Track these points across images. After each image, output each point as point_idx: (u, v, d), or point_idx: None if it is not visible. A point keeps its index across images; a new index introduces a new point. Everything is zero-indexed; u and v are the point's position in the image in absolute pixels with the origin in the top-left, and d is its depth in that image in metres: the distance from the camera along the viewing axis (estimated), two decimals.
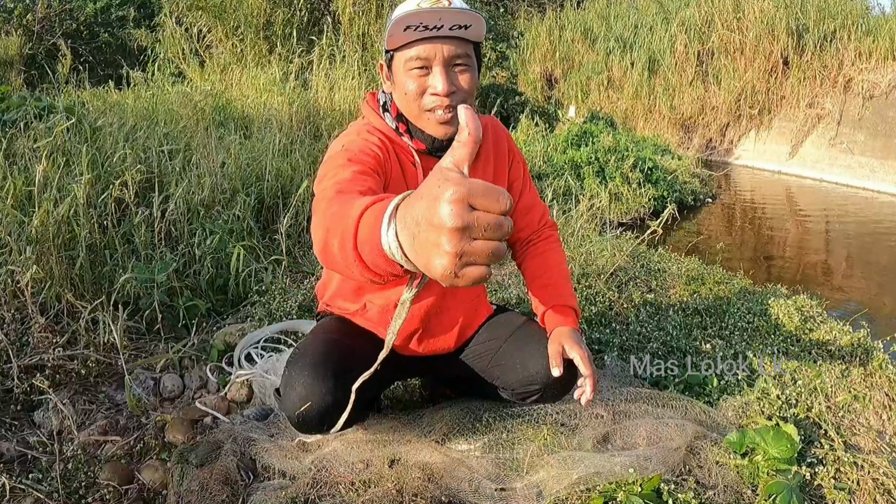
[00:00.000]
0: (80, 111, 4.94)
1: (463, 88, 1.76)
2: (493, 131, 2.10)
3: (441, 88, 1.72)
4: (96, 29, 13.20)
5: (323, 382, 1.80)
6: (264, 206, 4.52)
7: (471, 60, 1.77)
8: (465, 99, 1.78)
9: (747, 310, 3.48)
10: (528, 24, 15.55)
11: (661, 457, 2.09)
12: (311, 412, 1.80)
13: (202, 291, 3.39)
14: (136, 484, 2.15)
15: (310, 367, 1.83)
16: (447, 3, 1.68)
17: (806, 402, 2.57)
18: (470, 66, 1.77)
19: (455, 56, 1.73)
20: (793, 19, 11.61)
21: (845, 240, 7.74)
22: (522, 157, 2.20)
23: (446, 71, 1.73)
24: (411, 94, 1.76)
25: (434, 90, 1.74)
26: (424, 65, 1.73)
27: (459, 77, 1.76)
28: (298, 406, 1.80)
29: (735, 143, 12.39)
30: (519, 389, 2.13)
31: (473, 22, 1.68)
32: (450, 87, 1.73)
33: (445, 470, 2.05)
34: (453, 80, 1.75)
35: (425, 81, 1.75)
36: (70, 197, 3.28)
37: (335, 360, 1.85)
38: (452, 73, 1.75)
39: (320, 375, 1.81)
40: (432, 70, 1.74)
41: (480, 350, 2.18)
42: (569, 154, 7.84)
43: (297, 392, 1.81)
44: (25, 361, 2.63)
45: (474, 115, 0.93)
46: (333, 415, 1.87)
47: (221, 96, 7.22)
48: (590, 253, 4.23)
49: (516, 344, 2.11)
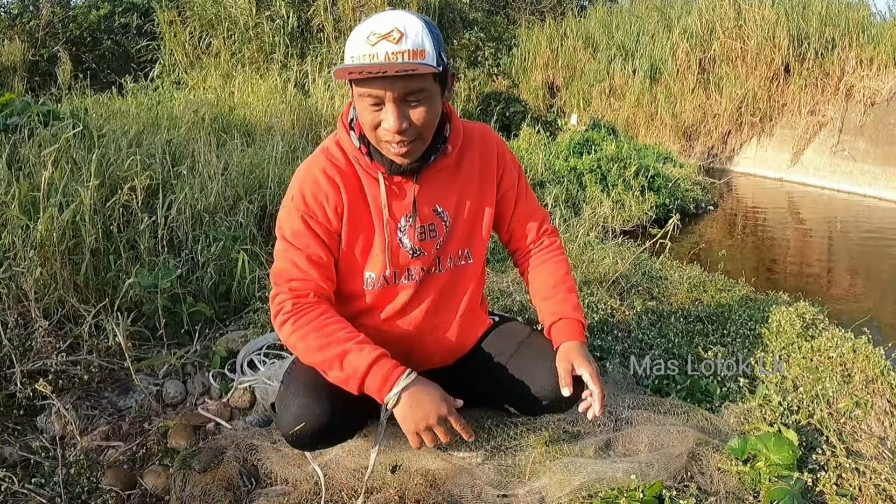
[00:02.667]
0: (84, 118, 4.95)
1: (416, 124, 1.71)
2: (482, 140, 2.05)
3: (392, 125, 1.68)
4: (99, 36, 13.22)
5: (318, 404, 1.82)
6: (266, 212, 4.53)
7: (426, 92, 1.70)
8: (421, 132, 1.75)
9: (749, 317, 3.48)
10: (529, 33, 15.56)
11: (663, 463, 2.09)
12: (306, 432, 1.83)
13: (205, 298, 3.40)
14: (139, 489, 2.16)
15: (304, 388, 1.86)
16: (398, 36, 1.61)
17: (808, 409, 2.56)
18: (426, 99, 1.71)
19: (408, 93, 1.67)
20: (794, 27, 11.61)
21: (847, 247, 7.74)
22: (517, 164, 2.16)
23: (398, 108, 1.68)
24: (367, 125, 1.74)
25: (387, 125, 1.69)
26: (376, 101, 1.68)
27: (413, 112, 1.70)
28: (293, 426, 1.82)
29: (736, 151, 12.38)
30: (526, 405, 2.14)
31: (421, 61, 1.63)
32: (401, 124, 1.68)
33: (447, 476, 2.06)
34: (407, 116, 1.69)
35: (378, 115, 1.70)
36: (76, 202, 3.29)
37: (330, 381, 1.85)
38: (405, 109, 1.69)
39: (315, 396, 1.83)
40: (384, 106, 1.69)
41: (485, 365, 2.16)
42: (571, 162, 7.84)
43: (292, 412, 1.83)
44: (28, 366, 2.63)
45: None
46: (328, 435, 1.90)
47: (223, 103, 7.24)
48: (592, 260, 4.23)
49: (523, 360, 2.10)
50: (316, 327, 1.78)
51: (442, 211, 1.96)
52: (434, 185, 1.94)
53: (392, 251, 1.92)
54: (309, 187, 1.86)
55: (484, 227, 2.07)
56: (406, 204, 1.91)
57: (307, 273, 1.84)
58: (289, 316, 1.80)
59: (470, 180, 2.01)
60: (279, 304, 1.83)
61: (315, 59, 9.07)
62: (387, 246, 1.90)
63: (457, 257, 2.03)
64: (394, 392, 1.70)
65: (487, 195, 2.05)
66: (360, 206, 1.88)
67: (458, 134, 1.95)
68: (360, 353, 1.74)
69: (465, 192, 2.00)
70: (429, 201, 1.94)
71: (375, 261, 1.93)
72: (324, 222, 1.86)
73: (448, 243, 2.00)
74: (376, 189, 1.88)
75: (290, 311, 1.80)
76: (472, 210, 2.02)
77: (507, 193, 2.12)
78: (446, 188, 1.96)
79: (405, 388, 1.71)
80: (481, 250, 2.10)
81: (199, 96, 7.83)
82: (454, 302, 2.08)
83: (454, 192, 1.98)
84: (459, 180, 1.99)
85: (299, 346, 1.80)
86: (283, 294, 1.83)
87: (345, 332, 1.79)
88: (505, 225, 2.18)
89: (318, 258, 1.85)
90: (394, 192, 1.90)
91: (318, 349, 1.76)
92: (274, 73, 8.65)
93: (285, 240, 1.87)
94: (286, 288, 1.83)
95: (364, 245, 1.92)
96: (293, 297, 1.82)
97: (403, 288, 1.98)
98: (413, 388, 1.72)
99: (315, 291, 1.84)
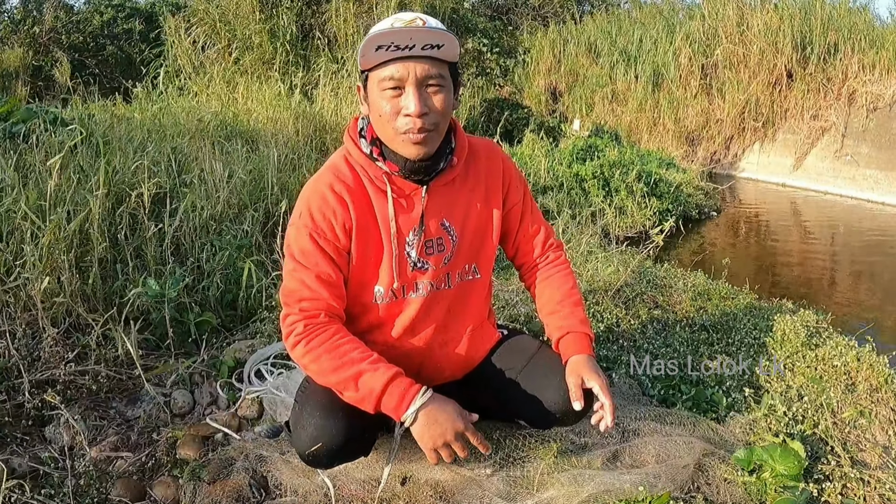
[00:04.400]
0: (89, 124, 4.95)
1: (436, 109, 1.76)
2: (487, 155, 2.07)
3: (413, 109, 1.71)
4: (102, 41, 13.27)
5: (335, 424, 1.83)
6: (271, 220, 4.53)
7: (445, 81, 1.77)
8: (439, 120, 1.78)
9: (753, 325, 3.49)
10: (532, 39, 15.59)
11: (670, 474, 2.09)
12: (322, 452, 1.83)
13: (211, 307, 3.40)
14: (148, 500, 2.16)
15: (321, 408, 1.86)
16: (421, 22, 1.70)
17: (812, 419, 2.57)
18: (444, 87, 1.77)
19: (428, 76, 1.73)
20: (797, 32, 11.64)
21: (850, 253, 7.75)
22: (523, 180, 2.18)
23: (419, 91, 1.72)
24: (386, 116, 1.76)
25: (407, 110, 1.73)
26: (397, 85, 1.72)
27: (433, 98, 1.75)
28: (310, 446, 1.82)
29: (739, 156, 12.40)
30: (537, 419, 2.14)
31: (446, 41, 1.69)
32: (422, 108, 1.72)
33: (457, 488, 2.06)
34: (426, 101, 1.74)
35: (398, 102, 1.74)
36: (85, 211, 3.30)
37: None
38: (425, 94, 1.74)
39: (332, 416, 1.83)
40: (405, 90, 1.73)
41: (495, 379, 2.16)
42: (574, 168, 7.86)
43: (308, 433, 1.83)
44: (37, 376, 2.64)
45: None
46: (345, 453, 1.91)
47: (228, 111, 7.25)
48: (596, 269, 4.24)
49: (533, 374, 2.10)
50: (329, 348, 1.78)
51: (449, 225, 1.97)
52: (441, 199, 1.95)
53: (400, 264, 1.92)
54: (316, 204, 1.86)
55: (490, 242, 2.08)
56: (414, 217, 1.91)
57: (317, 293, 1.84)
58: (301, 338, 1.80)
59: (476, 195, 2.02)
60: (290, 325, 1.83)
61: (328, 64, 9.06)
62: (395, 259, 1.91)
63: (464, 272, 2.04)
64: (411, 410, 1.72)
65: (494, 210, 2.06)
66: (369, 221, 1.89)
67: (462, 146, 1.97)
68: (374, 373, 1.75)
69: (472, 208, 2.01)
70: (436, 215, 1.95)
71: (384, 275, 1.93)
72: (332, 240, 1.86)
73: (455, 258, 2.01)
74: (384, 203, 1.89)
75: (301, 333, 1.80)
76: (479, 225, 2.03)
77: (514, 209, 2.13)
78: (453, 203, 1.97)
79: (422, 407, 1.73)
80: (488, 265, 2.11)
81: (203, 103, 7.83)
82: (463, 317, 2.09)
83: (461, 207, 1.99)
84: (466, 195, 2.00)
85: (312, 368, 1.81)
86: (294, 315, 1.83)
87: (358, 351, 1.79)
88: (511, 240, 2.19)
89: (327, 276, 1.85)
90: (401, 206, 1.91)
91: (331, 371, 1.77)
92: (277, 80, 8.65)
93: (294, 259, 1.87)
94: (297, 308, 1.84)
95: (374, 260, 1.92)
96: (304, 318, 1.82)
97: (411, 302, 1.98)
98: (430, 406, 1.74)
99: (326, 311, 1.84)
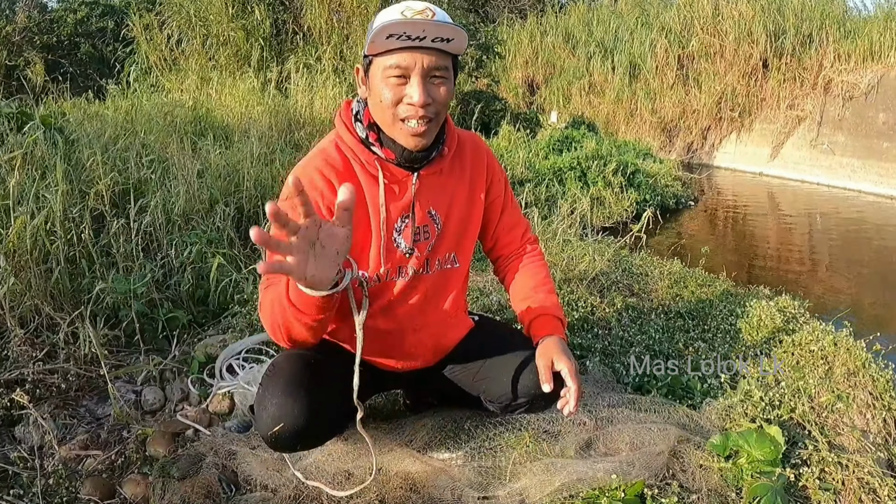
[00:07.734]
0: (59, 122, 4.88)
1: (438, 101, 1.76)
2: (473, 149, 2.08)
3: (417, 99, 1.72)
4: (76, 40, 13.14)
5: (296, 402, 1.79)
6: (244, 214, 4.49)
7: (448, 73, 1.77)
8: (440, 111, 1.79)
9: (730, 312, 3.50)
10: (509, 31, 15.59)
11: (644, 462, 2.08)
12: (285, 432, 1.79)
13: (183, 303, 3.37)
14: (118, 498, 2.14)
15: (283, 386, 1.81)
16: (431, 14, 1.69)
17: (789, 404, 2.57)
18: (447, 79, 1.77)
19: (434, 68, 1.73)
20: (771, 22, 11.71)
21: (827, 240, 7.81)
22: (504, 174, 2.20)
23: (424, 82, 1.72)
24: (386, 103, 1.75)
25: (410, 100, 1.73)
26: (403, 73, 1.72)
27: (436, 89, 1.75)
28: (272, 426, 1.78)
29: (716, 146, 12.47)
30: (505, 402, 2.12)
31: (456, 36, 1.69)
32: (426, 99, 1.72)
33: (427, 479, 2.05)
34: (430, 92, 1.74)
35: (402, 91, 1.74)
36: (47, 208, 3.24)
37: (308, 379, 1.83)
38: (429, 85, 1.74)
39: (293, 395, 1.79)
40: (410, 80, 1.73)
41: (465, 364, 2.16)
42: (551, 160, 7.87)
43: (269, 412, 1.79)
44: (5, 376, 2.60)
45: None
46: (307, 435, 1.86)
47: (201, 106, 7.19)
48: (571, 258, 4.23)
49: (502, 358, 2.10)
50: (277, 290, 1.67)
51: (435, 214, 1.97)
52: (429, 187, 1.95)
53: (388, 250, 1.91)
54: (305, 184, 1.82)
55: (471, 233, 2.09)
56: (404, 204, 1.91)
57: None
58: (263, 288, 1.75)
59: (461, 186, 2.03)
60: (262, 287, 1.77)
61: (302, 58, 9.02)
62: (382, 245, 1.89)
63: (444, 261, 2.04)
64: None
65: (476, 202, 2.07)
66: (357, 206, 1.86)
67: (452, 136, 1.99)
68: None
69: (456, 198, 2.02)
70: (424, 203, 1.95)
71: (370, 260, 1.91)
72: None
73: (438, 246, 2.01)
74: (375, 189, 1.87)
75: (264, 283, 1.76)
76: (462, 215, 2.04)
77: (495, 202, 2.15)
78: (439, 192, 1.98)
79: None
80: (467, 255, 2.12)
81: (176, 99, 7.77)
82: (438, 304, 2.08)
83: (446, 197, 1.99)
84: (451, 185, 2.00)
85: (266, 314, 1.73)
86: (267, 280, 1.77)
87: None
88: (490, 233, 2.21)
89: None
90: (392, 193, 1.89)
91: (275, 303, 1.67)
92: (251, 76, 8.60)
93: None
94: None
95: (361, 244, 1.90)
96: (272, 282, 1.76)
97: (393, 285, 1.97)
98: None
99: None
